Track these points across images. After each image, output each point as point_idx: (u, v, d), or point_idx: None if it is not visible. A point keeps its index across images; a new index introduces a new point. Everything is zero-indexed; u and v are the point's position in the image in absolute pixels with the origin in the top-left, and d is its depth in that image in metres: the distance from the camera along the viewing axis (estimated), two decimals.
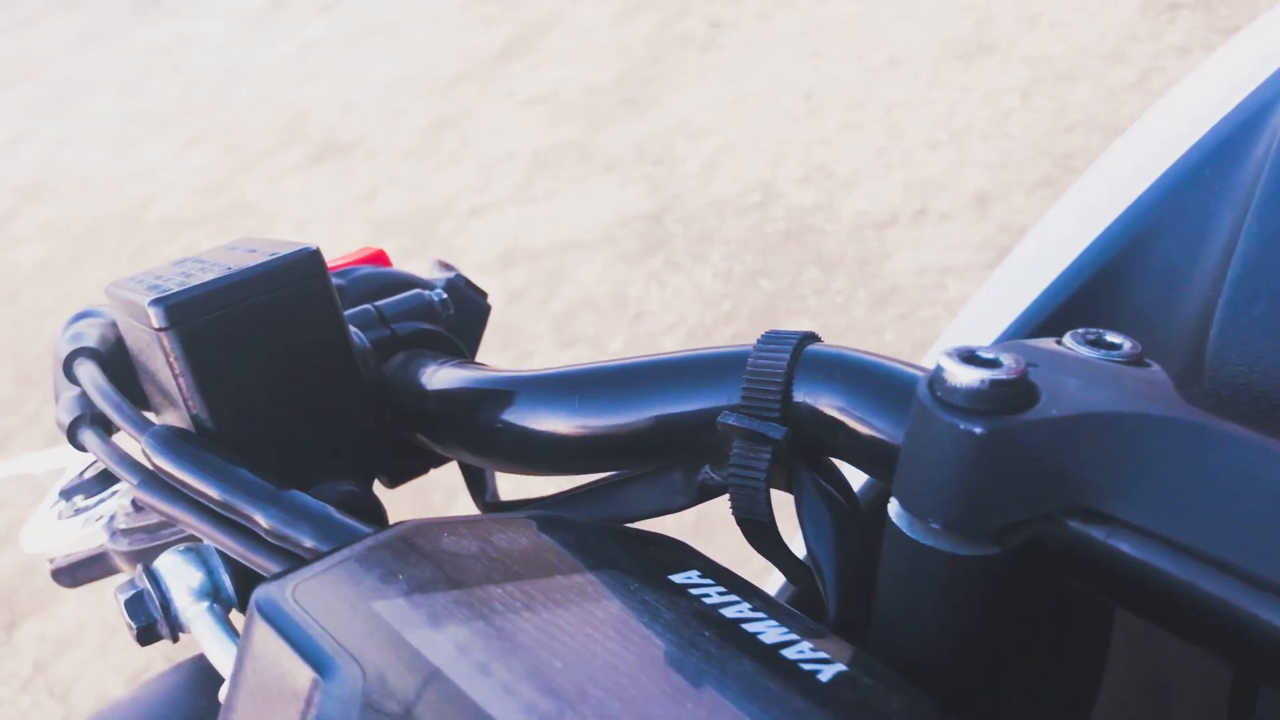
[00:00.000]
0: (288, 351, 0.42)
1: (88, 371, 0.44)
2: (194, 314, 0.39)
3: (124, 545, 0.46)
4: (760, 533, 0.36)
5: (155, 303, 0.39)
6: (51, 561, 0.52)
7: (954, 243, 2.60)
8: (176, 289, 0.39)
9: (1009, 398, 0.26)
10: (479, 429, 0.42)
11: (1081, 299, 0.52)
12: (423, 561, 0.28)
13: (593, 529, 0.34)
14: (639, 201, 3.21)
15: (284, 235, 3.67)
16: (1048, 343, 0.31)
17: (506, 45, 4.75)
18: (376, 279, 0.51)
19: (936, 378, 0.27)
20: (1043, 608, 0.30)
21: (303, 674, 0.23)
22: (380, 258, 0.54)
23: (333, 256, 0.55)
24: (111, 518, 0.48)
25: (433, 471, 0.54)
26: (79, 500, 0.51)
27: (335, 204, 3.84)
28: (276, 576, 0.26)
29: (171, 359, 0.40)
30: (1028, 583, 0.29)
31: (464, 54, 4.81)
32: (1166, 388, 0.29)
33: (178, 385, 0.40)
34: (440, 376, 0.45)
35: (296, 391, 0.43)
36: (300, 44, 5.72)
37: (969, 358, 0.27)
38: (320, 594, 0.25)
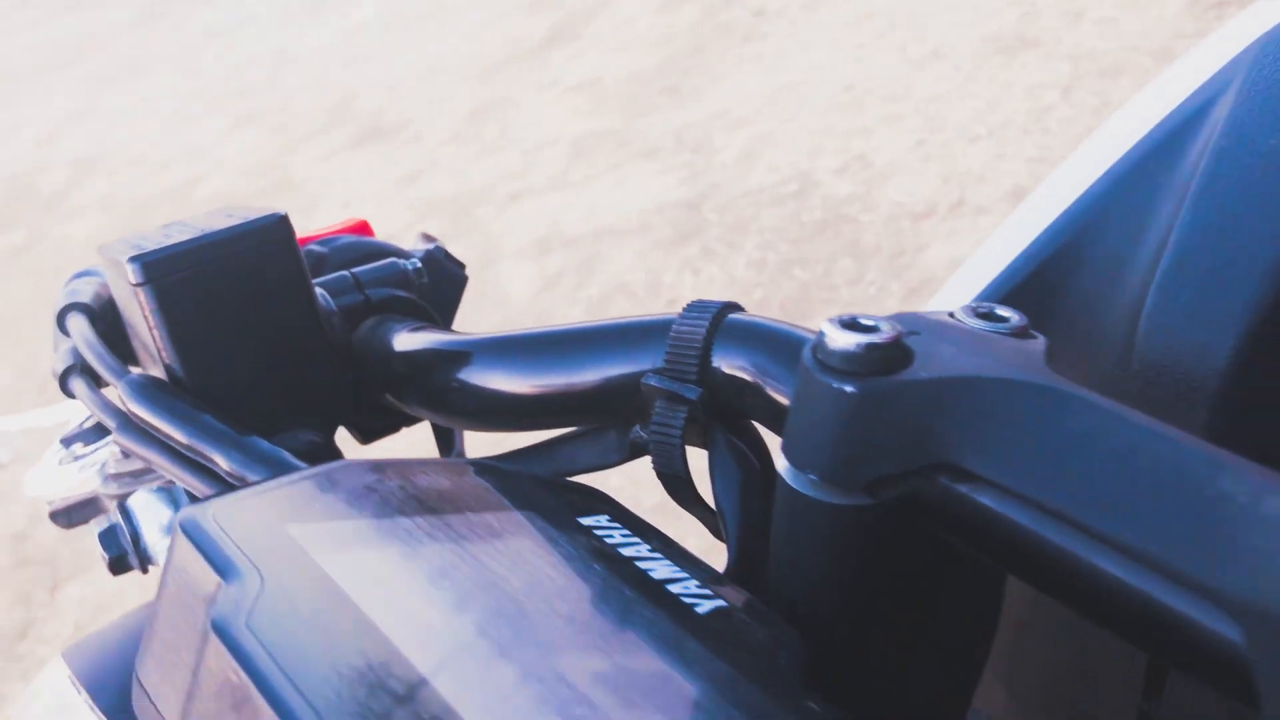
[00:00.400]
0: (255, 308, 0.45)
1: (77, 325, 0.47)
2: (167, 271, 0.42)
3: (113, 489, 0.49)
4: (678, 486, 0.38)
5: (133, 259, 0.42)
6: (50, 504, 0.56)
7: (989, 236, 2.59)
8: (154, 248, 0.43)
9: (881, 360, 0.29)
10: (436, 388, 0.45)
11: (1035, 281, 0.53)
12: (344, 494, 0.31)
13: (517, 475, 0.37)
14: (676, 189, 3.22)
15: (328, 215, 3.74)
16: (940, 314, 0.33)
17: (551, 33, 4.78)
18: (357, 247, 0.54)
19: (819, 342, 0.29)
20: (920, 563, 0.32)
21: (208, 579, 0.26)
22: (363, 228, 0.57)
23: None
24: (104, 464, 0.51)
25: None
26: (77, 448, 0.55)
27: (378, 186, 3.90)
28: (204, 499, 0.29)
29: (147, 312, 0.43)
30: (904, 536, 0.31)
31: (509, 41, 4.85)
32: (1037, 358, 0.30)
33: (152, 337, 0.43)
34: (404, 339, 0.48)
35: (263, 346, 0.45)
36: (349, 27, 5.79)
37: (850, 324, 0.29)
38: (238, 515, 0.28)
